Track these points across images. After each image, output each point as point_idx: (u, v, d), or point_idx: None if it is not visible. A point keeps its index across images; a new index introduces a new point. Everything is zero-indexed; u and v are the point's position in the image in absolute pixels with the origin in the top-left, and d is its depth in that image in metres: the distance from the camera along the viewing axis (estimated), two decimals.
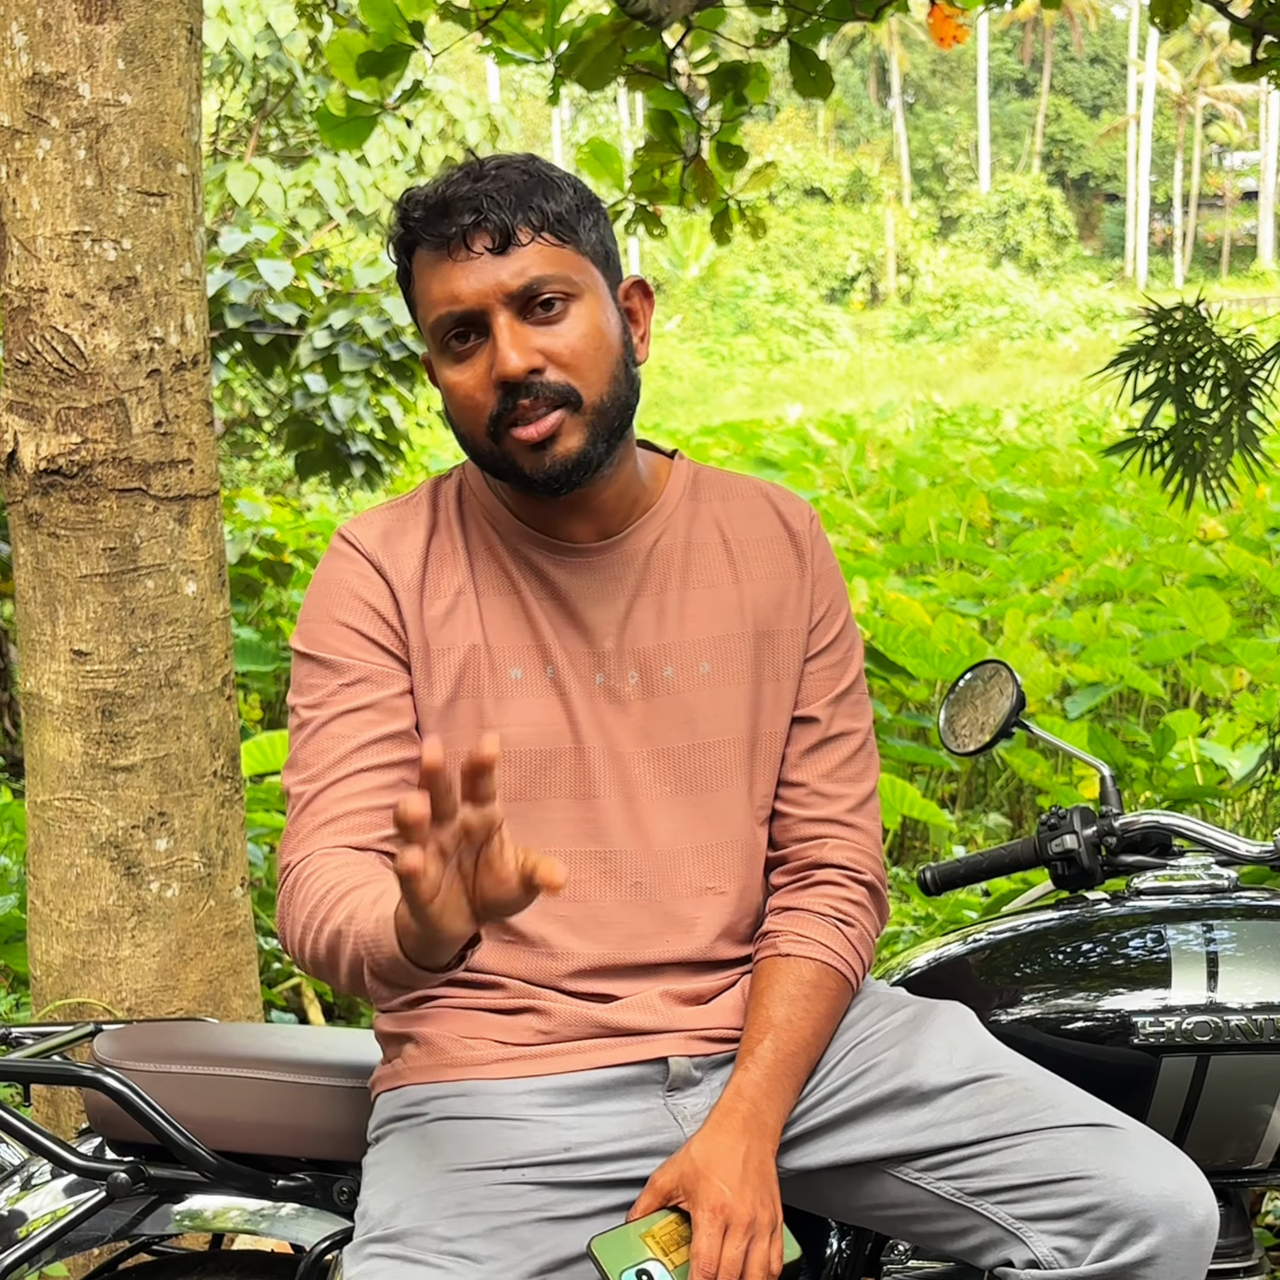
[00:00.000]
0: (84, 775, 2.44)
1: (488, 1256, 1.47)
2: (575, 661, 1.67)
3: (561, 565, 1.68)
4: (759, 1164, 1.53)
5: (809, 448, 16.70)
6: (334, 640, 1.64)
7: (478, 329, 1.58)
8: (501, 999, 1.66)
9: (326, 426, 7.06)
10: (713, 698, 1.69)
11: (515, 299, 1.56)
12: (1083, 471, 13.80)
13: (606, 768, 1.66)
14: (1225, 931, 1.73)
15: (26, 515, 2.41)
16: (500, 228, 1.55)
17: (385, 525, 1.69)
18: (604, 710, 1.67)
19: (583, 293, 1.59)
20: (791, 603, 1.73)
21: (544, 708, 1.66)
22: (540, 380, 1.56)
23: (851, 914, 1.70)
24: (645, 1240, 1.50)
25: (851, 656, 1.77)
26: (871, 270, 48.24)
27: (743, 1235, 1.49)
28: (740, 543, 1.74)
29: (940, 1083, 1.58)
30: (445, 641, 1.65)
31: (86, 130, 2.31)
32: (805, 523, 1.77)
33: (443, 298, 1.57)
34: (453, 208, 1.56)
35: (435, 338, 1.61)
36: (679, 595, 1.70)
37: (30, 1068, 1.81)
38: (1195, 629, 7.36)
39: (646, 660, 1.68)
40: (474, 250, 1.56)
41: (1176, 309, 3.25)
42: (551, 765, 1.65)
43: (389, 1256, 1.48)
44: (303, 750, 1.63)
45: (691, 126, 4.73)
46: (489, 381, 1.57)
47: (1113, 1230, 1.46)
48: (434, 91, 9.97)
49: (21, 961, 3.81)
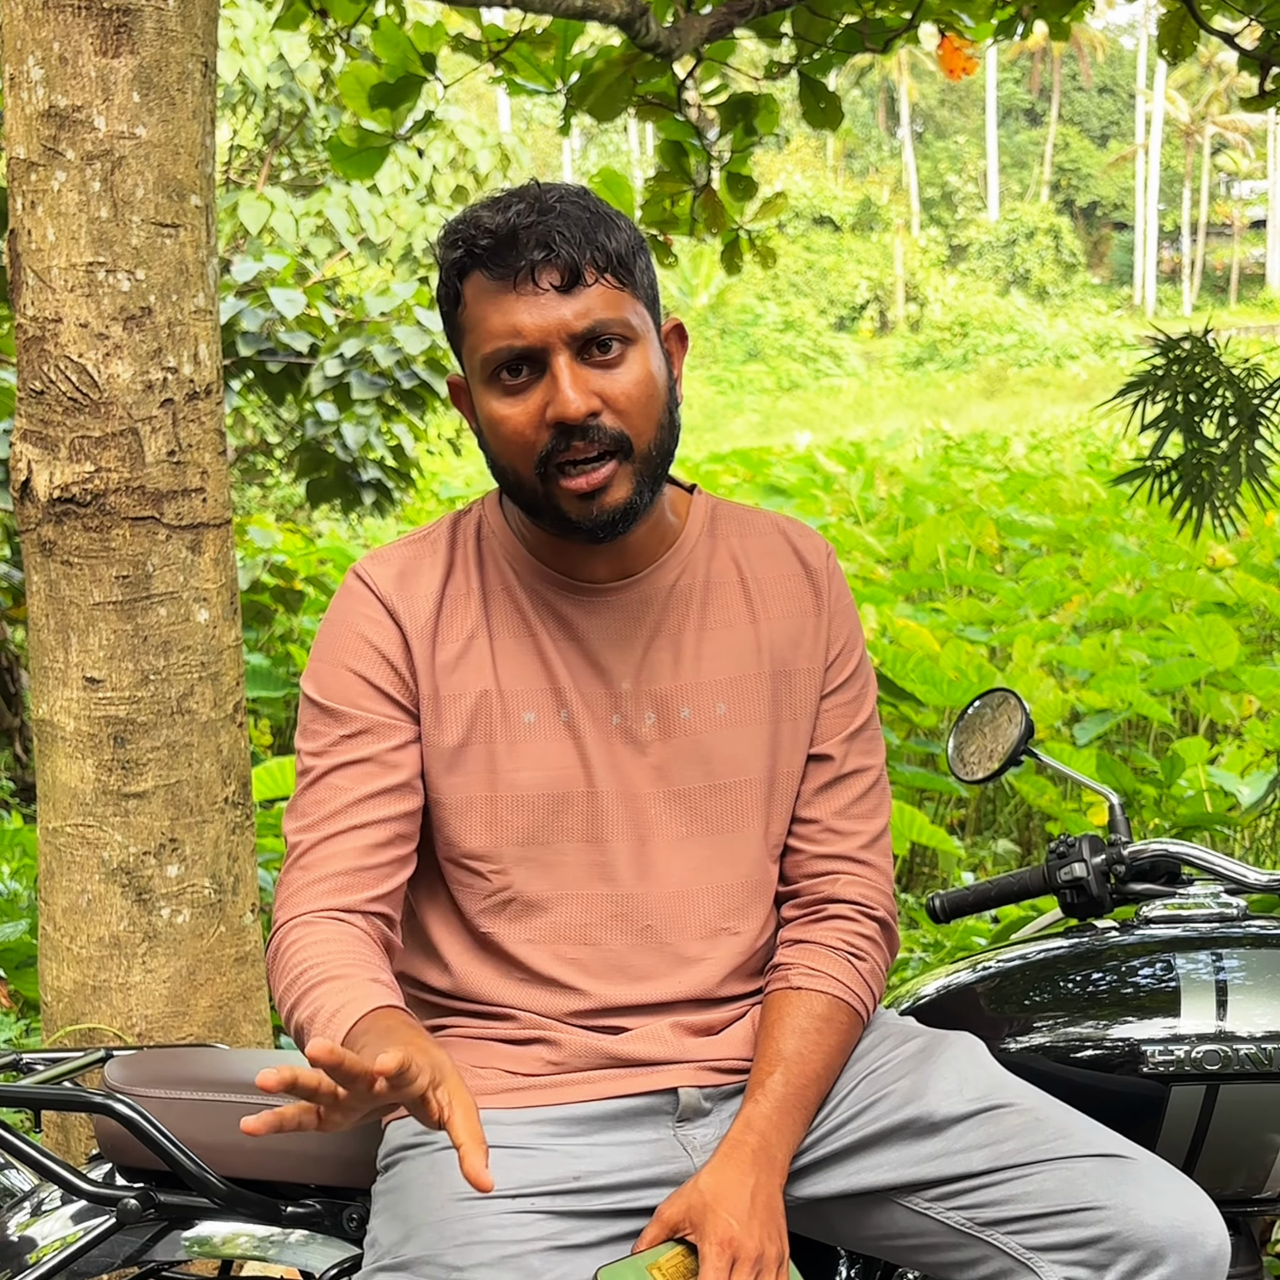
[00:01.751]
0: (95, 802, 2.45)
1: None
2: (591, 703, 1.66)
3: (579, 605, 1.67)
4: (767, 1198, 1.53)
5: (818, 475, 16.72)
6: (341, 687, 1.64)
7: (532, 365, 1.56)
8: (512, 1030, 1.66)
9: (338, 454, 7.09)
10: (730, 739, 1.68)
11: (577, 339, 1.55)
12: (1091, 499, 13.81)
13: (620, 810, 1.66)
14: (1234, 960, 1.73)
15: (40, 543, 2.43)
16: (570, 266, 1.54)
17: (402, 564, 1.68)
18: (620, 752, 1.66)
19: (639, 337, 1.59)
20: (808, 641, 1.73)
21: (558, 752, 1.65)
22: (596, 424, 1.55)
23: (863, 948, 1.70)
24: (651, 1272, 1.49)
25: (866, 693, 1.77)
26: (880, 298, 48.35)
27: (750, 1269, 1.49)
28: (758, 581, 1.73)
29: (951, 1113, 1.58)
30: (456, 687, 1.65)
31: (101, 162, 2.33)
32: (822, 559, 1.76)
33: (503, 330, 1.55)
34: (521, 239, 1.54)
35: (485, 368, 1.58)
36: (696, 635, 1.70)
37: (41, 1094, 1.81)
38: (1204, 656, 7.35)
39: (663, 701, 1.67)
40: (540, 286, 1.54)
41: (1184, 339, 3.26)
42: (564, 809, 1.65)
43: None
44: (302, 798, 1.65)
45: (702, 157, 4.76)
46: (541, 420, 1.55)
47: (1125, 1260, 1.46)
48: (445, 121, 10.03)
49: (32, 987, 3.82)
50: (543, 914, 1.65)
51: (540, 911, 1.65)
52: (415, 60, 3.99)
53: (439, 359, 6.95)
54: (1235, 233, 54.01)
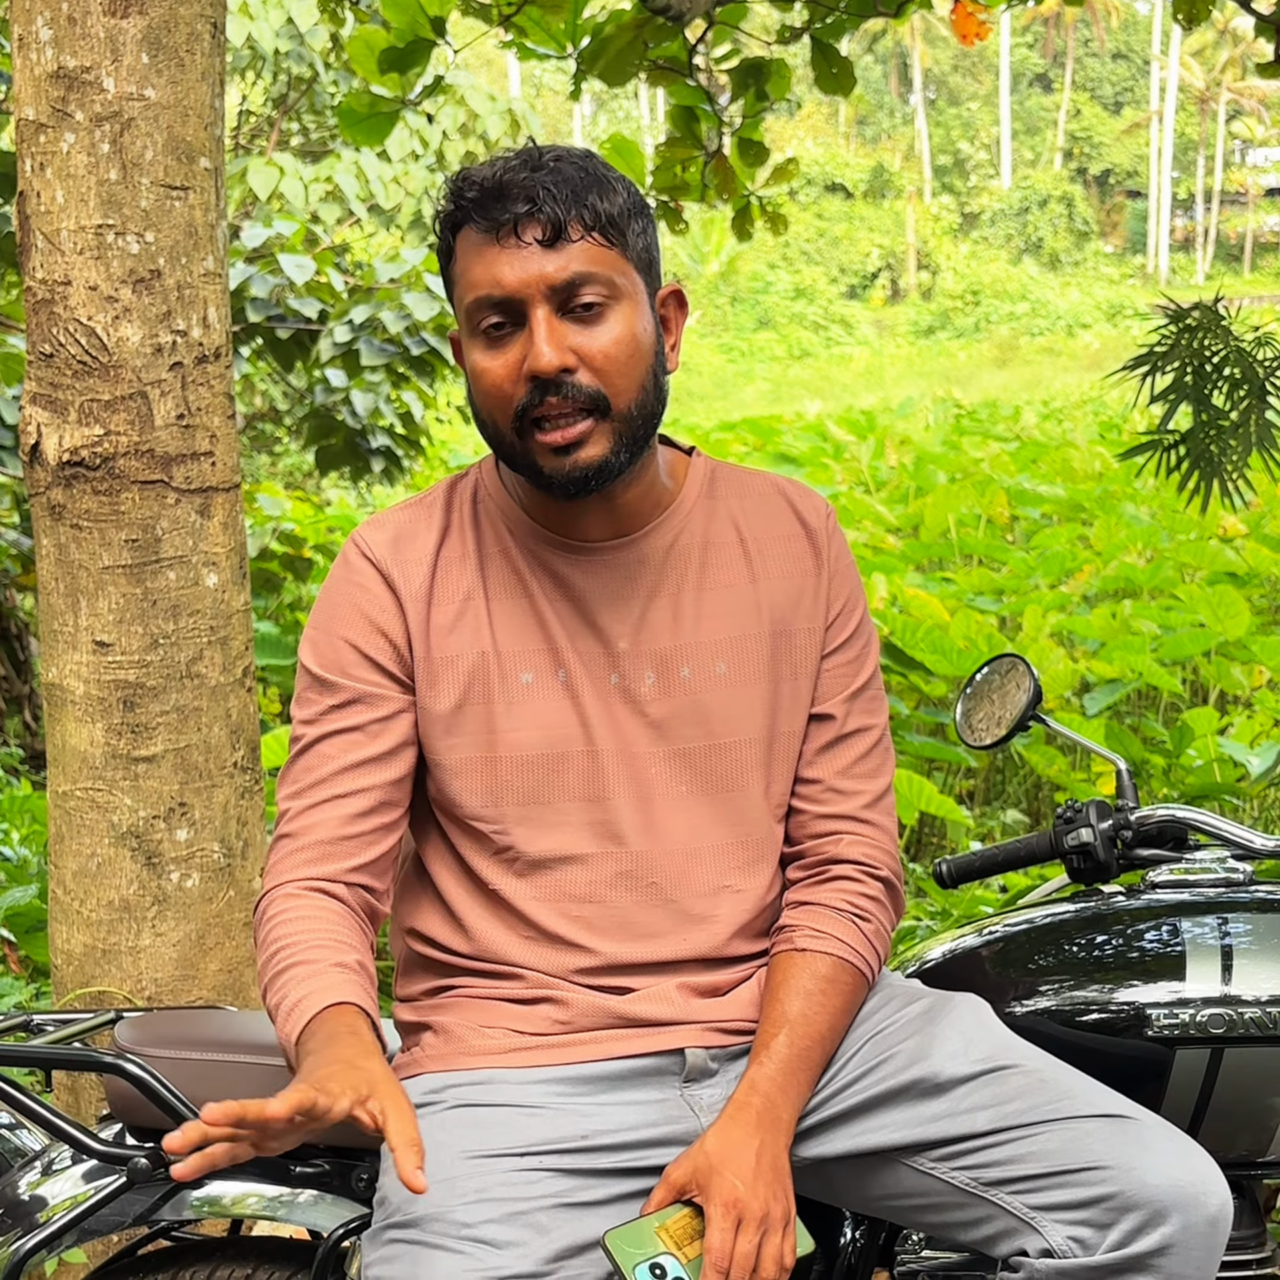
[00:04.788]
0: (105, 765, 2.46)
1: (506, 1242, 1.48)
2: (588, 663, 1.66)
3: (576, 565, 1.68)
4: (772, 1159, 1.54)
5: (828, 444, 16.68)
6: (333, 656, 1.66)
7: (514, 318, 1.57)
8: (519, 989, 1.67)
9: (347, 421, 7.08)
10: (730, 698, 1.69)
11: (557, 293, 1.55)
12: (1103, 468, 13.76)
13: (620, 768, 1.66)
14: (1240, 925, 1.73)
15: (49, 507, 2.43)
16: (552, 220, 1.54)
17: (397, 529, 1.69)
18: (618, 711, 1.67)
19: (623, 297, 1.59)
20: (808, 600, 1.73)
21: (556, 711, 1.66)
22: (571, 380, 1.55)
23: (868, 909, 1.70)
24: (659, 1234, 1.50)
25: (867, 653, 1.77)
26: (892, 266, 48.16)
27: (755, 1230, 1.50)
28: (757, 541, 1.74)
29: (956, 1074, 1.58)
30: (452, 649, 1.66)
31: (110, 124, 2.32)
32: (822, 519, 1.76)
33: (484, 280, 1.56)
34: (508, 194, 1.55)
35: (470, 320, 1.60)
36: (695, 595, 1.70)
37: (52, 1054, 1.82)
38: (1215, 626, 7.34)
39: (663, 661, 1.67)
40: (523, 239, 1.55)
41: (1194, 308, 3.24)
42: (563, 768, 1.66)
43: (407, 1242, 1.49)
44: (293, 766, 1.67)
45: (713, 122, 4.74)
46: (519, 373, 1.56)
47: (1127, 1220, 1.47)
48: (455, 87, 9.98)
49: (42, 951, 3.84)
50: (548, 872, 1.66)
51: (545, 870, 1.66)
52: (425, 24, 3.96)
53: (448, 325, 6.93)
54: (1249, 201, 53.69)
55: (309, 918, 1.59)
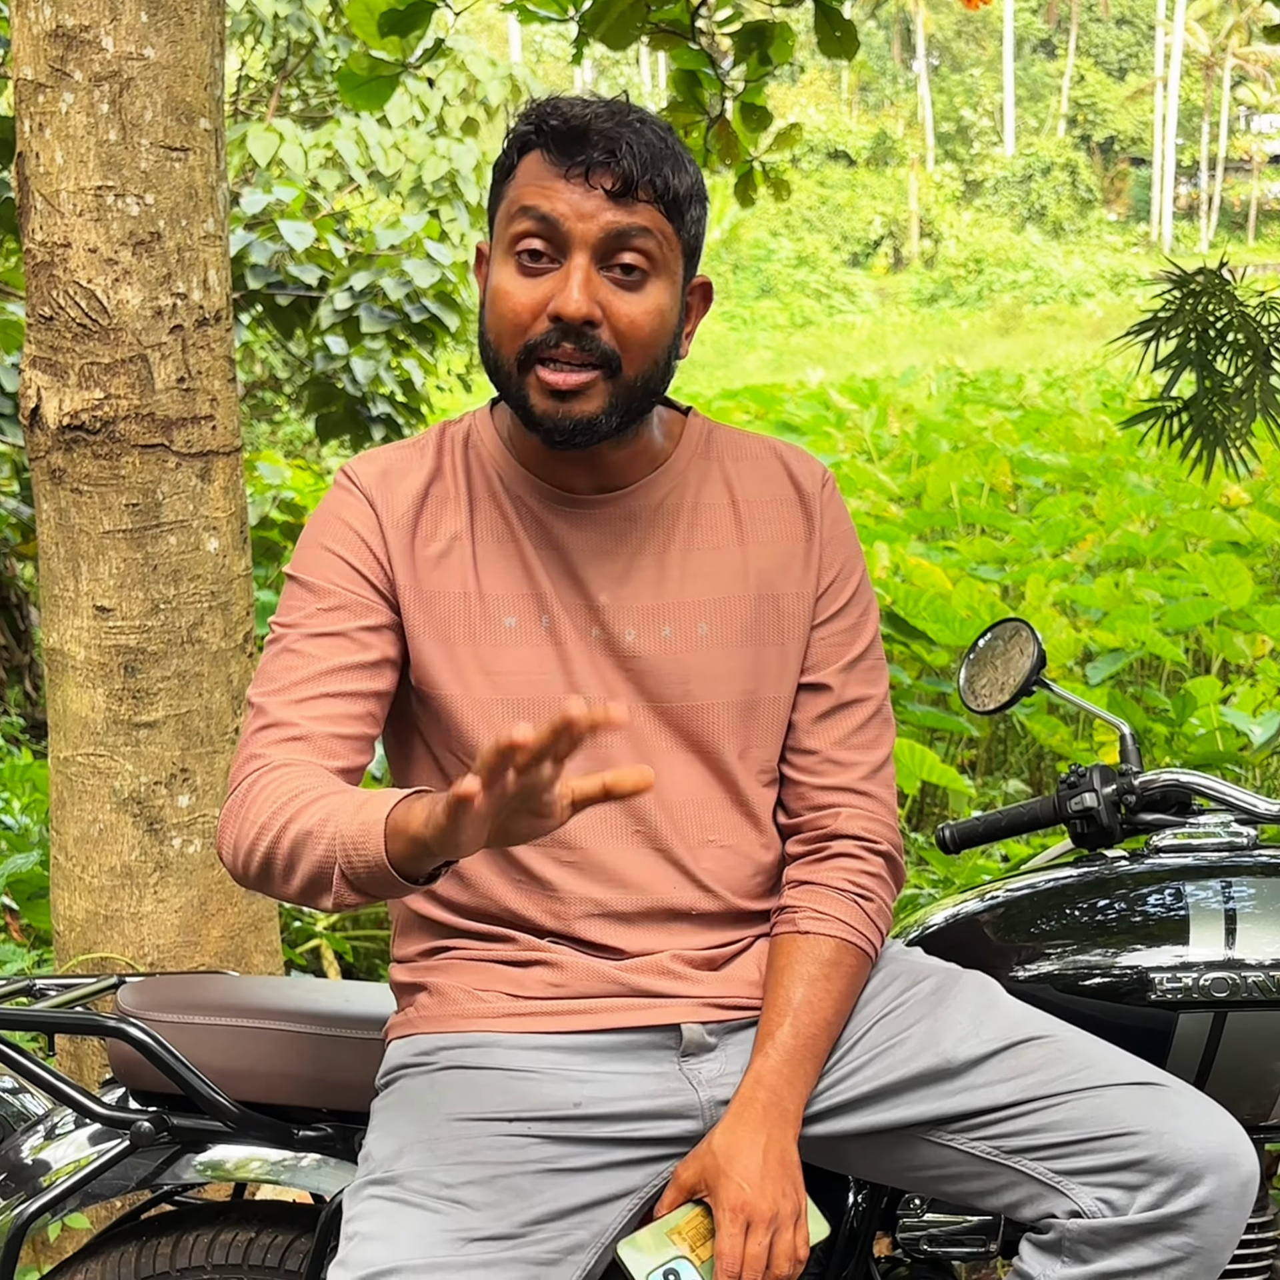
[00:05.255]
0: (106, 731, 2.46)
1: (484, 1204, 1.48)
2: (572, 613, 1.66)
3: (563, 516, 1.67)
4: (780, 1153, 1.54)
5: (830, 412, 16.63)
6: (319, 565, 1.64)
7: (554, 251, 1.55)
8: (512, 951, 1.66)
9: (347, 389, 7.05)
10: (710, 659, 1.68)
11: (603, 244, 1.54)
12: (1106, 437, 13.71)
13: None
14: (1244, 889, 1.73)
15: (50, 471, 2.42)
16: (625, 176, 1.54)
17: (387, 463, 1.69)
18: (601, 662, 1.66)
19: (662, 272, 1.58)
20: (798, 566, 1.71)
21: (538, 657, 1.65)
22: (592, 334, 1.55)
23: (869, 887, 1.69)
24: (671, 1237, 1.51)
25: (865, 622, 1.75)
26: (895, 234, 47.98)
27: (765, 1231, 1.50)
28: (749, 504, 1.72)
29: (969, 1056, 1.58)
30: (437, 585, 1.64)
31: (110, 84, 2.30)
32: (817, 485, 1.74)
33: (539, 205, 1.55)
34: (589, 137, 1.54)
35: (509, 240, 1.57)
36: (682, 555, 1.69)
37: (55, 1018, 1.82)
38: (1218, 595, 7.32)
39: (644, 618, 1.66)
40: (591, 184, 1.54)
41: (1198, 273, 3.22)
42: (546, 714, 1.64)
43: (386, 1199, 1.49)
44: (272, 664, 1.62)
45: (715, 87, 4.70)
46: (542, 309, 1.55)
47: (1161, 1182, 1.48)
48: (456, 52, 9.92)
49: (44, 918, 3.84)
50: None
51: None
52: None
53: (449, 292, 6.90)
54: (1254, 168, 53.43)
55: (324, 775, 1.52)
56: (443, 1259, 1.44)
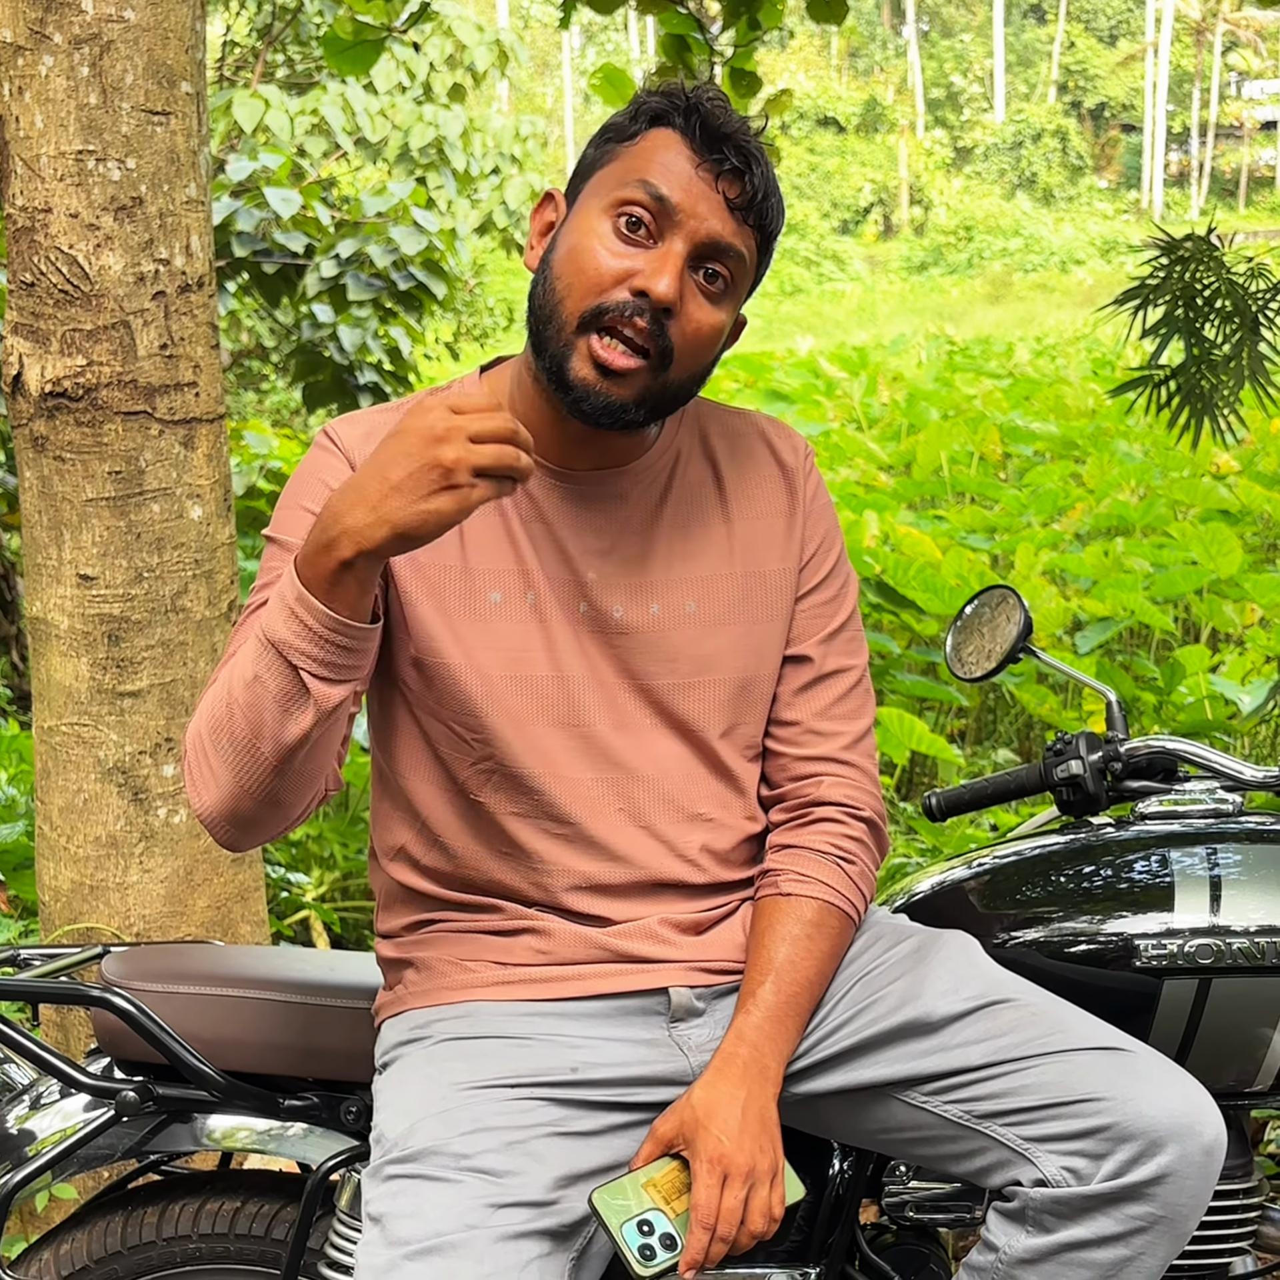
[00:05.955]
0: (91, 700, 2.45)
1: (505, 1171, 1.48)
2: (558, 589, 1.65)
3: (553, 490, 1.66)
4: (759, 1110, 1.54)
5: (820, 380, 16.59)
6: (295, 524, 1.61)
7: (658, 225, 1.56)
8: (499, 921, 1.66)
9: (334, 357, 7.02)
10: (698, 637, 1.67)
11: (704, 246, 1.56)
12: (1095, 405, 13.69)
13: (593, 695, 1.65)
14: (1229, 855, 1.73)
15: (32, 438, 2.40)
16: (749, 193, 1.58)
17: (370, 426, 1.66)
18: (586, 640, 1.65)
19: (735, 295, 1.62)
20: (781, 540, 1.72)
21: (521, 634, 1.64)
22: (665, 323, 1.55)
23: (852, 851, 1.69)
24: (647, 1189, 1.50)
25: (845, 594, 1.76)
26: (884, 201, 47.82)
27: (742, 1184, 1.50)
28: (733, 481, 1.73)
29: (948, 1012, 1.58)
30: (421, 557, 1.62)
31: (90, 46, 2.28)
32: (799, 459, 1.75)
33: (664, 178, 1.55)
34: (733, 143, 1.57)
35: (615, 199, 1.57)
36: (669, 533, 1.69)
37: (39, 987, 1.82)
38: (1207, 564, 7.32)
39: (632, 595, 1.66)
40: (718, 187, 1.57)
41: (1186, 240, 3.21)
42: (529, 690, 1.64)
43: (409, 1176, 1.49)
44: (246, 623, 1.59)
45: (704, 52, 4.66)
46: (625, 279, 1.55)
47: (1123, 1150, 1.47)
48: (443, 17, 9.85)
49: (30, 889, 3.83)
50: (525, 792, 1.64)
51: (522, 787, 1.64)
52: None
53: (436, 260, 6.87)
54: (1245, 135, 53.28)
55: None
56: (475, 1228, 1.44)
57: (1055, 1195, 1.49)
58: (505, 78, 10.88)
